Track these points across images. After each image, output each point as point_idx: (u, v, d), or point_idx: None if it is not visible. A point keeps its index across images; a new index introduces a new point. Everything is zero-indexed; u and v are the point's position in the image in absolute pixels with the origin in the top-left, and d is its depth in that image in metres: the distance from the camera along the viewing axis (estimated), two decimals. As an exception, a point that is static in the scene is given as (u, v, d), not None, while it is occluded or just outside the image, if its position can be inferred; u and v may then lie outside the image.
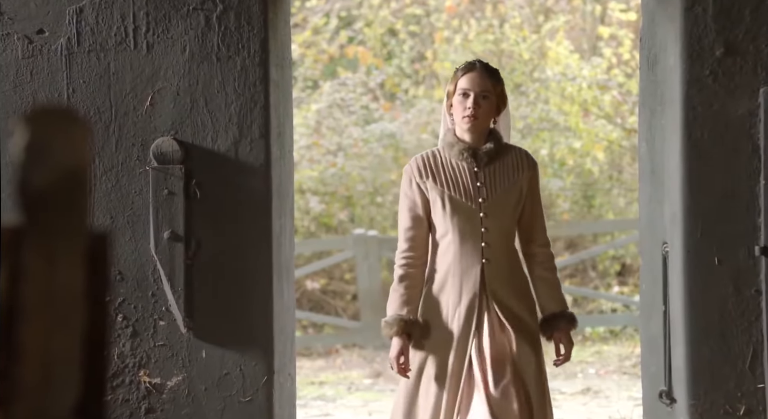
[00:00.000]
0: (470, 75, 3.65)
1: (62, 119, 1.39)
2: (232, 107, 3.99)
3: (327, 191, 10.02)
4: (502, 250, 3.61)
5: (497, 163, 3.65)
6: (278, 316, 4.03)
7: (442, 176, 3.63)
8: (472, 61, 3.75)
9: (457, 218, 3.59)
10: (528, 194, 3.66)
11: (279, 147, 4.11)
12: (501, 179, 3.64)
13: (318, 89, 10.26)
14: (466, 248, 3.58)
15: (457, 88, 3.65)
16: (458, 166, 3.63)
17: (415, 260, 3.62)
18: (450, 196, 3.61)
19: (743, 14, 3.85)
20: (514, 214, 3.65)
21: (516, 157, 3.68)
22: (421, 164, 3.65)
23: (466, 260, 3.58)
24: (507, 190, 3.63)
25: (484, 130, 3.66)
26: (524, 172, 3.66)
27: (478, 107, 3.60)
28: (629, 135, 9.79)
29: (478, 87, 3.62)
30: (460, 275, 3.58)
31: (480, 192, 3.62)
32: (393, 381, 8.26)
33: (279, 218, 4.08)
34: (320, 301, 9.74)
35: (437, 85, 10.36)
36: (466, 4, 10.18)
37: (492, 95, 3.64)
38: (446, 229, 3.60)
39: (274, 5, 4.04)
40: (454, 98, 3.65)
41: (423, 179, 3.63)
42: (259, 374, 3.95)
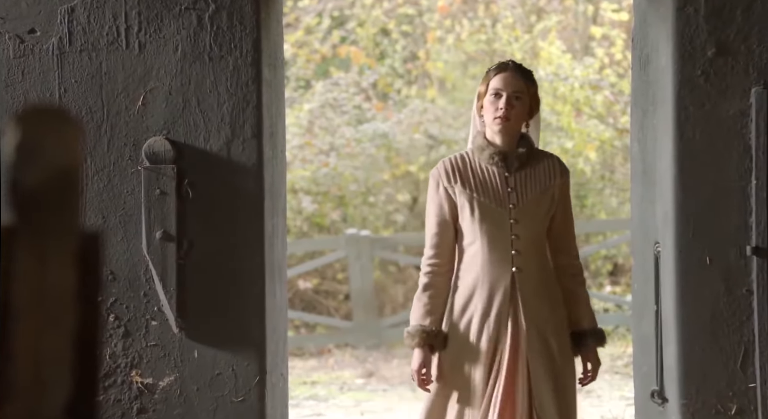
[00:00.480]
0: (503, 75, 3.51)
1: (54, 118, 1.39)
2: (225, 107, 3.98)
3: (319, 190, 10.02)
4: (534, 258, 3.46)
5: (528, 168, 3.52)
6: (270, 316, 4.03)
7: (471, 180, 3.50)
8: (505, 61, 3.60)
9: (487, 224, 3.45)
10: (559, 203, 3.52)
11: (271, 147, 4.10)
12: (532, 185, 3.51)
13: (310, 89, 10.25)
14: (496, 255, 3.44)
15: (488, 88, 3.51)
16: (488, 170, 3.51)
17: (441, 268, 3.48)
18: (479, 201, 3.48)
19: (735, 14, 3.85)
20: (545, 222, 3.51)
21: (548, 163, 3.55)
22: (450, 168, 3.52)
23: (495, 268, 3.44)
24: (538, 196, 3.50)
25: (515, 133, 3.53)
26: (556, 179, 3.53)
27: (511, 108, 3.47)
28: (621, 135, 9.80)
29: (510, 87, 3.49)
30: (489, 284, 3.43)
31: (510, 198, 3.49)
32: (385, 381, 8.26)
33: (271, 218, 4.08)
34: (313, 301, 9.73)
35: (430, 85, 10.36)
36: (459, 4, 10.18)
37: (525, 97, 3.51)
38: (474, 235, 3.46)
39: (266, 5, 4.04)
40: (485, 99, 3.52)
41: (451, 182, 3.50)
42: (252, 374, 3.95)
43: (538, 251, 3.49)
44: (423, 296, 3.48)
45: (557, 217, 3.53)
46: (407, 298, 9.77)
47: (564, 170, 3.57)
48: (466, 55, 10.21)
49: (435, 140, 10.10)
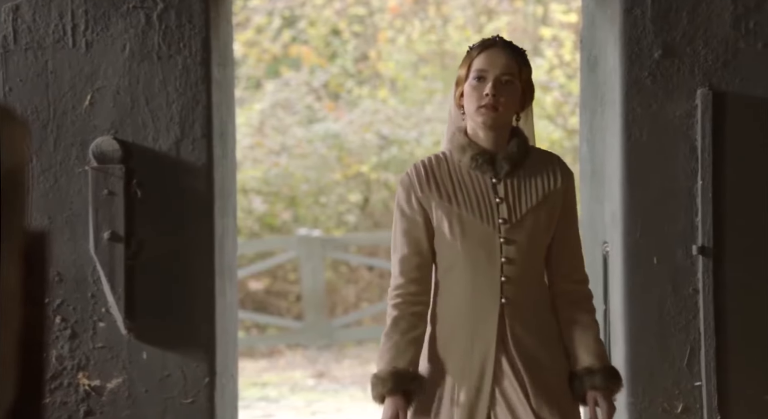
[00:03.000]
0: (489, 53, 2.78)
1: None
2: (174, 106, 3.96)
3: (271, 191, 9.99)
4: (528, 287, 2.78)
5: (522, 172, 2.81)
6: (220, 317, 4.01)
7: (450, 188, 2.78)
8: (491, 36, 2.86)
9: (469, 245, 2.75)
10: (562, 214, 2.82)
11: (221, 147, 4.08)
12: (527, 193, 2.80)
13: (261, 89, 10.22)
14: (481, 283, 2.76)
15: (470, 70, 2.78)
16: (471, 176, 2.80)
17: (415, 298, 2.78)
18: (460, 215, 2.77)
19: (680, 17, 3.90)
20: (544, 239, 2.80)
21: (546, 164, 2.83)
22: (423, 174, 2.80)
23: (480, 299, 2.76)
24: (535, 208, 2.79)
25: (505, 127, 2.80)
26: (557, 184, 2.82)
27: (499, 94, 2.74)
28: (571, 136, 9.88)
29: (498, 68, 2.76)
30: (473, 319, 2.76)
31: (499, 210, 2.78)
32: (336, 381, 8.25)
33: (221, 218, 4.06)
34: (264, 301, 9.70)
35: (381, 85, 10.36)
36: (410, 5, 10.20)
37: (517, 80, 2.78)
38: (455, 259, 2.77)
39: (215, 4, 4.02)
40: (466, 84, 2.78)
41: (425, 192, 2.79)
42: (201, 375, 3.93)
43: (534, 277, 2.80)
44: (393, 333, 2.78)
45: (559, 232, 2.82)
46: (359, 298, 9.77)
47: (566, 173, 2.85)
48: (417, 56, 10.23)
49: (386, 140, 10.11)
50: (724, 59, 3.87)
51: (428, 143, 10.09)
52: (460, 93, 2.83)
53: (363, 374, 8.43)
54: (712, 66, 3.87)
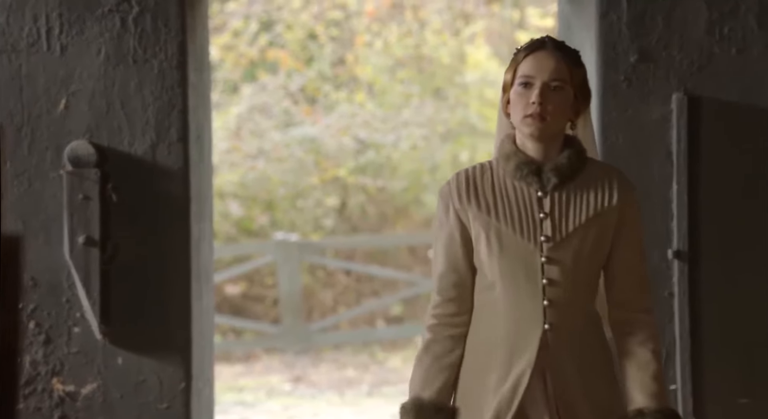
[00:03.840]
0: (536, 56, 2.55)
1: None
2: (150, 110, 3.94)
3: (248, 195, 9.97)
4: (575, 313, 2.52)
5: (573, 185, 2.56)
6: (196, 321, 4.00)
7: (490, 200, 2.56)
8: (540, 37, 2.61)
9: (508, 263, 2.52)
10: (619, 233, 2.55)
11: (198, 151, 4.07)
12: (577, 208, 2.55)
13: (238, 93, 10.20)
14: (522, 307, 2.52)
15: (516, 75, 2.57)
16: (515, 188, 2.57)
17: (452, 319, 2.56)
18: (498, 229, 2.54)
19: (656, 22, 3.92)
20: (595, 261, 2.55)
21: (602, 178, 2.57)
22: (464, 183, 2.59)
23: (520, 324, 2.51)
24: (585, 225, 2.54)
25: (555, 137, 2.57)
26: (614, 199, 2.55)
27: (547, 102, 2.52)
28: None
29: (547, 73, 2.53)
30: (511, 346, 2.51)
31: (543, 227, 2.54)
32: (313, 386, 8.24)
33: (198, 223, 4.05)
34: (241, 306, 9.68)
35: (358, 89, 10.37)
36: (387, 9, 10.22)
37: (568, 86, 2.54)
38: (493, 278, 2.54)
39: (191, 8, 4.01)
40: (512, 90, 2.57)
41: (464, 203, 2.57)
42: (177, 380, 3.91)
43: (582, 301, 2.54)
44: (425, 356, 2.56)
45: (616, 254, 2.56)
46: (336, 302, 9.77)
47: (625, 188, 2.58)
48: (395, 60, 10.25)
49: (363, 144, 10.12)
50: (699, 64, 3.89)
51: (405, 147, 10.10)
52: (507, 100, 2.60)
53: (340, 378, 8.43)
54: (687, 71, 3.90)
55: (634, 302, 2.57)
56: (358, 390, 8.07)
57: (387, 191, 10.13)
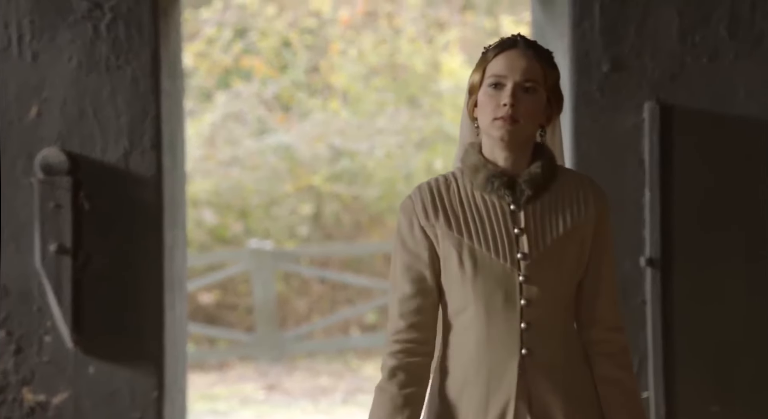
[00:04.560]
0: (507, 55, 2.35)
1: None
2: (123, 118, 3.93)
3: (221, 203, 9.94)
4: (554, 335, 2.34)
5: (547, 197, 2.37)
6: (169, 330, 3.98)
7: (460, 216, 2.36)
8: (511, 35, 2.42)
9: (483, 284, 2.33)
10: (593, 246, 2.38)
11: (171, 158, 4.06)
12: (553, 221, 2.36)
13: (212, 100, 10.17)
14: (497, 331, 2.33)
15: (485, 75, 2.36)
16: (486, 201, 2.37)
17: (417, 347, 2.35)
18: (471, 248, 2.34)
19: (628, 31, 3.94)
20: (574, 278, 2.37)
21: (576, 187, 2.40)
22: (429, 198, 2.37)
23: (496, 350, 2.33)
24: (562, 239, 2.35)
25: (526, 143, 2.37)
26: (590, 209, 2.38)
27: (519, 104, 2.32)
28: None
29: (519, 72, 2.33)
30: (487, 374, 2.34)
31: (519, 243, 2.34)
32: (287, 394, 8.22)
33: (171, 230, 4.03)
34: (214, 314, 9.64)
35: (332, 96, 10.37)
36: (361, 17, 10.22)
37: (541, 88, 2.35)
38: (465, 300, 2.34)
39: (165, 15, 4.00)
40: (481, 93, 2.36)
41: (431, 219, 2.36)
42: (149, 389, 3.89)
43: (562, 324, 2.36)
44: (389, 386, 2.34)
45: (590, 270, 2.38)
46: (310, 310, 9.74)
47: (599, 197, 2.40)
48: (369, 68, 10.26)
49: (338, 152, 10.11)
50: (671, 73, 3.92)
51: (380, 154, 10.10)
52: (474, 103, 2.39)
53: (314, 386, 8.41)
54: (659, 80, 3.92)
55: (609, 320, 2.39)
56: (332, 398, 8.05)
57: (361, 198, 10.13)
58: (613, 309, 2.41)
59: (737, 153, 3.91)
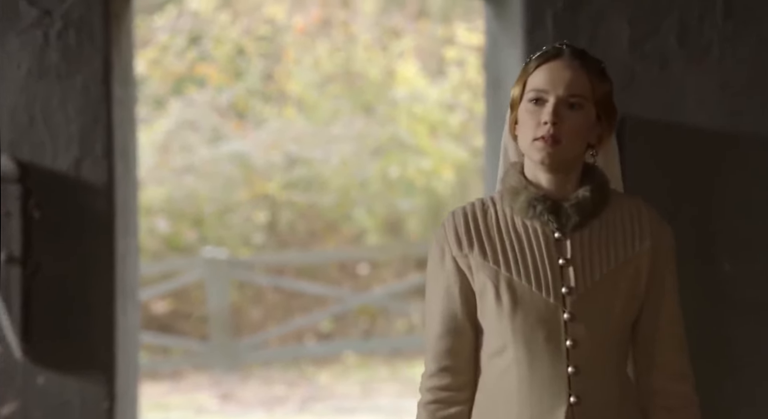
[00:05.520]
0: (550, 66, 2.10)
1: None
2: (74, 125, 3.89)
3: (176, 211, 9.88)
4: (607, 381, 2.06)
5: (597, 224, 2.11)
6: (122, 339, 3.94)
7: (497, 244, 2.09)
8: (556, 44, 2.16)
9: (523, 322, 2.05)
10: (650, 281, 2.11)
11: (123, 166, 4.03)
12: (603, 252, 2.09)
13: (166, 108, 10.12)
14: (541, 375, 2.05)
15: (526, 90, 2.12)
16: (527, 228, 2.10)
17: (452, 396, 2.09)
18: (510, 280, 2.07)
19: (580, 40, 3.97)
20: (627, 316, 2.09)
21: (631, 214, 2.15)
22: (463, 225, 2.11)
23: (540, 397, 2.05)
24: (615, 272, 2.09)
25: (573, 165, 2.11)
26: (646, 240, 2.13)
27: (562, 121, 2.07)
28: (476, 154, 9.98)
29: (562, 86, 2.08)
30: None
31: (565, 276, 2.08)
32: (242, 403, 8.17)
33: (123, 238, 4.00)
34: (168, 323, 9.58)
35: (287, 104, 10.35)
36: (316, 25, 10.22)
37: (589, 103, 2.10)
38: (504, 340, 2.07)
39: (117, 22, 3.97)
40: (521, 108, 2.12)
41: (464, 249, 2.10)
42: (100, 400, 3.86)
43: (614, 368, 2.07)
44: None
45: (650, 306, 2.10)
46: (265, 318, 9.71)
47: (656, 225, 2.18)
48: (324, 75, 10.26)
49: (293, 160, 10.10)
50: (622, 82, 3.95)
51: (335, 162, 10.11)
52: (515, 120, 2.14)
53: (269, 396, 8.37)
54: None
55: (672, 366, 2.09)
56: (287, 407, 8.03)
57: (317, 206, 10.12)
58: (676, 355, 2.09)
59: (689, 161, 3.95)
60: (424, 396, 2.12)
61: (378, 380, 8.58)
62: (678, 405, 2.09)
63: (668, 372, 2.09)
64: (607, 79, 2.15)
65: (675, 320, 2.11)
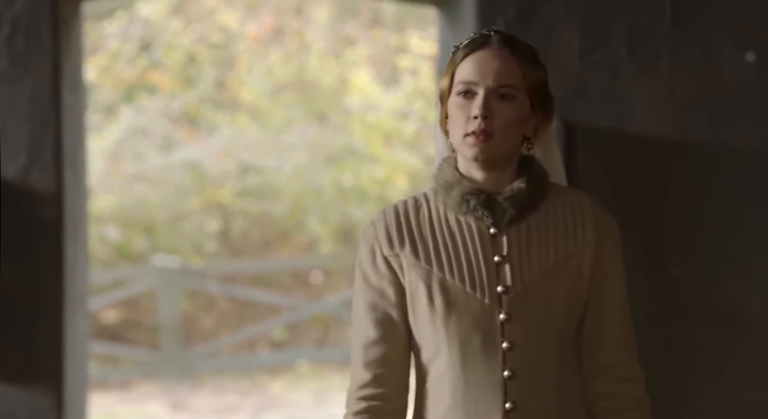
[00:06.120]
0: (478, 56, 1.95)
1: None
2: (22, 132, 3.85)
3: (127, 218, 9.80)
4: (546, 385, 1.92)
5: (535, 218, 1.95)
6: (70, 348, 3.90)
7: (430, 243, 1.94)
8: (484, 30, 2.01)
9: (457, 324, 1.91)
10: (593, 278, 1.95)
11: (72, 173, 3.99)
12: (543, 247, 1.94)
13: (117, 115, 10.04)
14: (476, 381, 1.92)
15: (454, 81, 1.97)
16: (461, 224, 1.95)
17: (386, 405, 1.95)
18: (442, 280, 1.92)
19: (532, 48, 4.00)
20: (570, 315, 1.94)
21: (572, 207, 1.98)
22: (394, 223, 1.97)
23: (475, 403, 1.91)
24: (554, 269, 1.93)
25: (508, 159, 1.97)
26: (586, 234, 1.96)
27: (494, 115, 1.92)
28: (430, 164, 10.02)
29: (492, 76, 1.93)
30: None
31: (501, 274, 1.93)
32: (193, 412, 8.12)
33: (72, 246, 3.96)
34: (119, 332, 9.49)
35: (240, 112, 10.32)
36: (269, 32, 10.21)
37: (521, 93, 1.95)
38: (437, 344, 1.93)
39: (65, 27, 3.94)
40: (450, 102, 1.97)
41: (396, 248, 1.95)
42: (48, 410, 3.81)
43: (554, 372, 1.93)
44: None
45: (594, 305, 1.95)
46: (217, 327, 9.65)
47: (603, 218, 1.99)
48: (277, 84, 10.24)
49: (246, 168, 10.06)
50: (573, 90, 3.98)
51: (289, 170, 10.08)
52: (445, 113, 1.99)
53: (221, 405, 8.32)
54: (563, 96, 3.98)
55: (620, 369, 1.94)
56: (239, 416, 7.98)
57: (270, 214, 10.09)
58: (624, 355, 1.94)
59: (638, 169, 3.99)
60: (355, 406, 1.95)
61: (331, 389, 8.56)
62: (627, 407, 1.95)
63: (616, 373, 1.95)
64: (539, 66, 2.00)
65: (621, 318, 1.96)
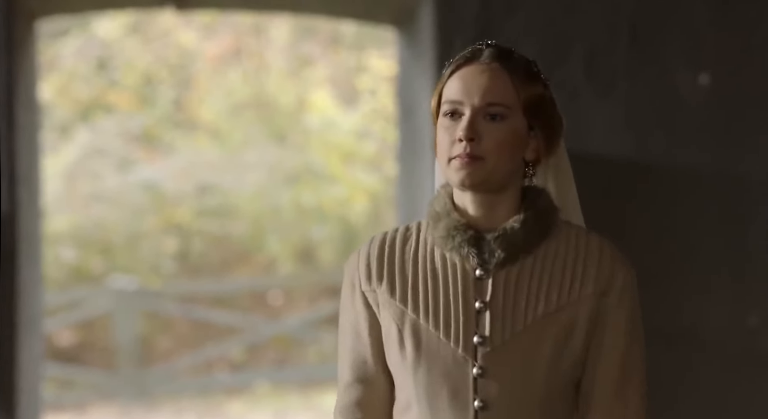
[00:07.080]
0: (465, 72, 1.74)
1: None
2: (-25, 151, 3.79)
3: (83, 239, 9.70)
4: None
5: (530, 263, 1.71)
6: (25, 370, 3.83)
7: (410, 280, 1.72)
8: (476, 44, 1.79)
9: (426, 375, 1.68)
10: (594, 334, 1.70)
11: (27, 193, 3.94)
12: (532, 297, 1.70)
13: (73, 134, 9.95)
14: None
15: (441, 101, 1.75)
16: (446, 263, 1.72)
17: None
18: (415, 323, 1.70)
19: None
20: (554, 376, 1.68)
21: (578, 253, 1.74)
22: (376, 254, 1.74)
23: None
24: (541, 323, 1.69)
25: (503, 186, 1.73)
26: (586, 284, 1.71)
27: (480, 138, 1.70)
28: (389, 183, 10.02)
29: (478, 95, 1.71)
30: None
31: (480, 322, 1.69)
32: (151, 435, 8.02)
33: (27, 267, 3.90)
34: (75, 354, 9.37)
35: (199, 131, 10.27)
36: (228, 52, 10.18)
37: (515, 112, 1.73)
38: (407, 396, 1.71)
39: (21, 47, 3.89)
40: (438, 123, 1.75)
41: (374, 283, 1.73)
42: (0, 434, 3.74)
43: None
44: None
45: (593, 365, 1.70)
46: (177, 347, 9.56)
47: (613, 265, 1.74)
48: (236, 103, 10.21)
49: (204, 187, 10.01)
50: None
51: (248, 190, 10.04)
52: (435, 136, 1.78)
53: (179, 427, 8.23)
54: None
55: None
56: (197, 438, 7.89)
57: (229, 235, 10.03)
58: (635, 412, 1.68)
59: (599, 191, 4.00)
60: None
61: (291, 409, 8.50)
62: None
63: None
64: (537, 82, 1.78)
65: (618, 384, 1.68)
